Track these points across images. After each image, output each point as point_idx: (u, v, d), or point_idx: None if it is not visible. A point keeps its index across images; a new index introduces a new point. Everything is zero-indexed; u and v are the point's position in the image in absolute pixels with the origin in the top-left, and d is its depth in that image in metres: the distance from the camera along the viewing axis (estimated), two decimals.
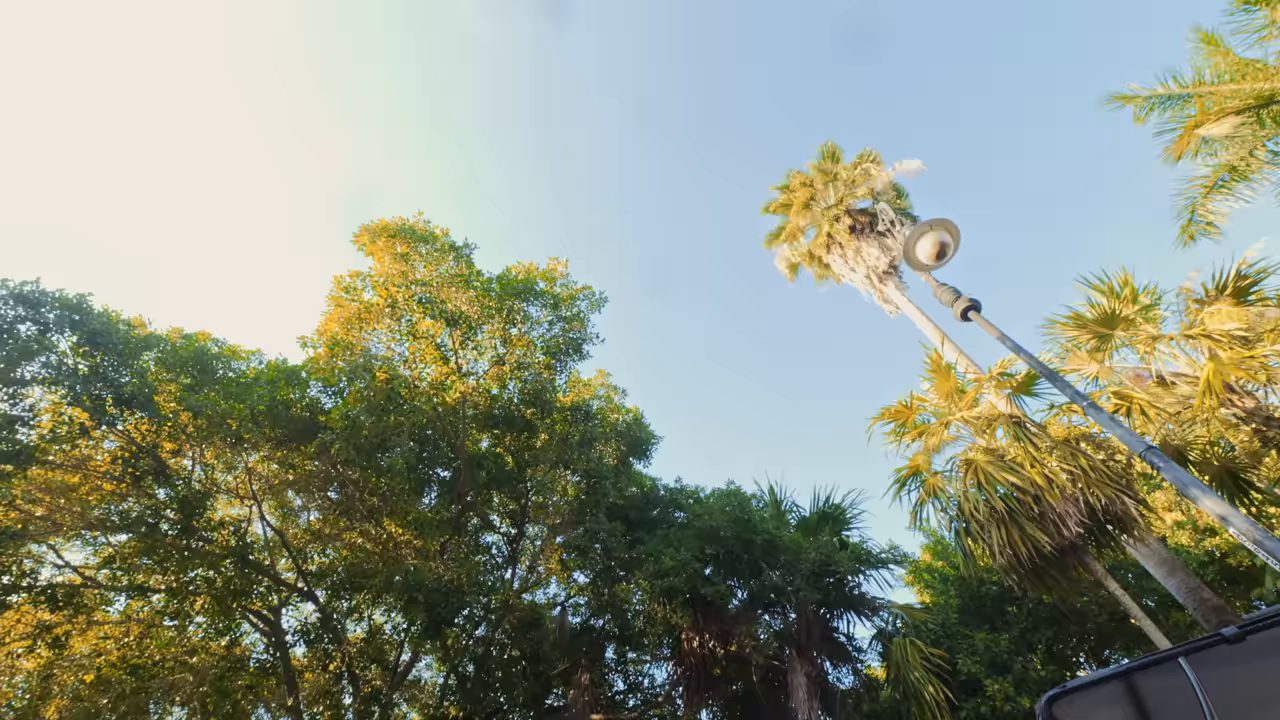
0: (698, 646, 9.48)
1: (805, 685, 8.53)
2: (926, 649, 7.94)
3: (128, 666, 12.00)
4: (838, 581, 9.44)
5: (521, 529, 12.14)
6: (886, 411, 9.60)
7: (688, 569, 9.05)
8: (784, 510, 11.48)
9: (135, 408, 8.06)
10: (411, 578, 8.24)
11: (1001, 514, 6.96)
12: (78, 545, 11.51)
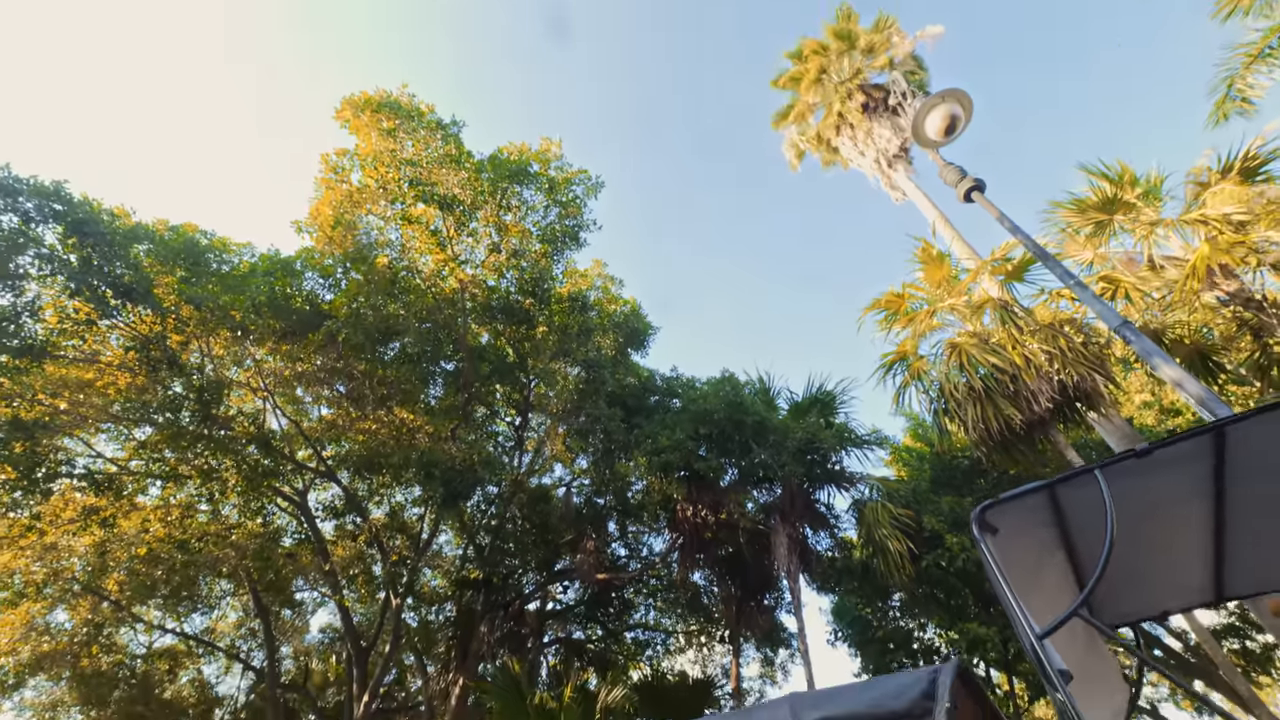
0: (691, 515, 10.40)
1: (786, 545, 9.51)
2: (896, 510, 8.80)
3: (174, 542, 13.15)
4: (822, 458, 10.18)
5: (525, 418, 12.78)
6: (878, 301, 9.82)
7: (683, 447, 9.74)
8: (775, 396, 12.05)
9: (135, 300, 8.20)
10: (426, 457, 8.88)
11: (979, 392, 7.39)
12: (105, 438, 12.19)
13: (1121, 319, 5.32)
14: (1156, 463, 2.15)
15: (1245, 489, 2.26)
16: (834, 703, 2.23)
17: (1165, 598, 2.96)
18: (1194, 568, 2.73)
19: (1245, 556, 2.64)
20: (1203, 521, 2.47)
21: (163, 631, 17.07)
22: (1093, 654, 2.92)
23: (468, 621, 13.60)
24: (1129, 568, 2.69)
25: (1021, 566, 2.36)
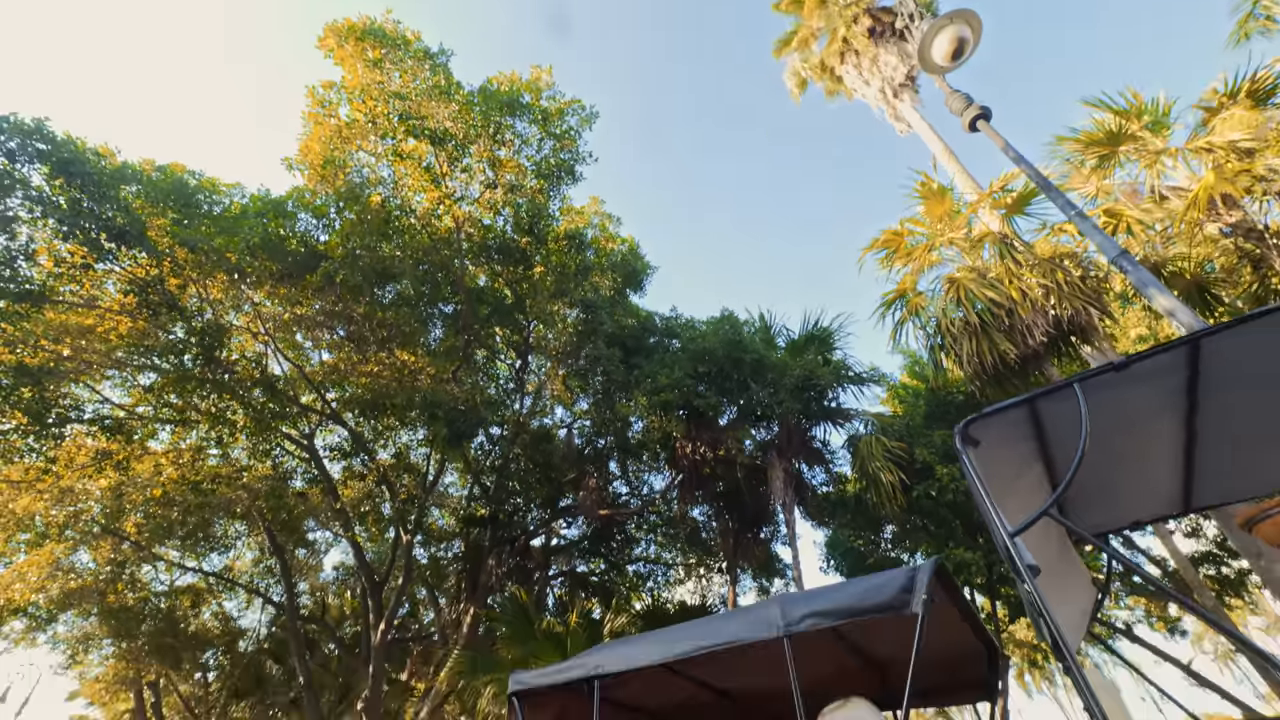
0: (690, 453, 10.70)
1: (782, 479, 9.85)
2: (890, 443, 9.07)
3: (188, 484, 13.54)
4: (818, 394, 10.37)
5: (525, 360, 12.90)
6: (878, 240, 9.73)
7: (682, 386, 9.90)
8: (774, 334, 12.14)
9: (129, 244, 8.12)
10: (429, 397, 9.04)
11: (975, 327, 7.47)
12: (111, 385, 12.34)
13: (1119, 249, 5.33)
14: (1133, 376, 2.24)
15: (1217, 400, 2.36)
16: (821, 599, 2.41)
17: (1136, 508, 3.13)
18: (1164, 479, 2.88)
19: (1213, 468, 2.78)
20: (1175, 433, 2.59)
21: (182, 570, 17.82)
22: (1064, 560, 3.12)
23: (476, 556, 14.21)
24: (1102, 479, 2.83)
25: (1001, 477, 2.49)
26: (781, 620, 2.40)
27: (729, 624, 2.64)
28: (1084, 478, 2.86)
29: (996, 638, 11.99)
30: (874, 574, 2.40)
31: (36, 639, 17.87)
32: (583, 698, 3.40)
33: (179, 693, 21.66)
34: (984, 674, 3.19)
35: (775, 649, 2.42)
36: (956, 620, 2.74)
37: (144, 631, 17.78)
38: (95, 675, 21.04)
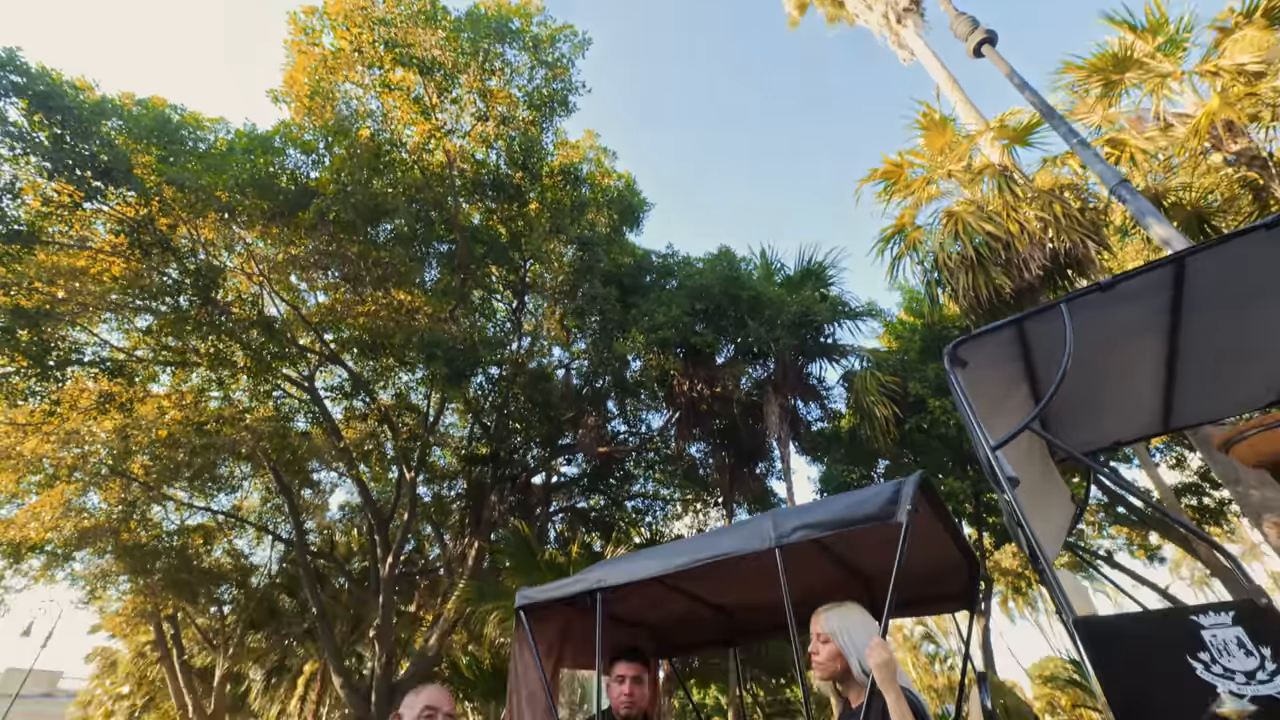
0: (688, 390, 10.89)
1: (778, 414, 10.08)
2: (884, 378, 9.25)
3: (192, 425, 13.72)
4: (815, 330, 10.47)
5: (522, 300, 12.87)
6: (877, 171, 9.54)
7: (679, 323, 9.95)
8: (772, 270, 12.12)
9: (116, 182, 7.91)
10: (428, 336, 9.09)
11: (971, 260, 7.46)
12: (108, 328, 12.30)
13: (1119, 178, 5.27)
14: (1119, 296, 2.29)
15: (1200, 319, 2.42)
16: (811, 512, 2.55)
17: (1118, 428, 3.25)
18: (1146, 398, 2.98)
19: (1194, 387, 2.88)
20: (1157, 353, 2.66)
21: (191, 509, 18.32)
22: (1047, 479, 3.27)
23: (478, 493, 14.65)
24: (1086, 399, 2.93)
25: (987, 397, 2.57)
26: (773, 532, 2.53)
27: (724, 538, 2.79)
28: (1068, 397, 2.96)
29: (982, 563, 12.64)
30: (863, 489, 2.52)
31: (55, 576, 18.55)
32: (585, 612, 3.62)
33: (196, 625, 22.72)
34: (964, 585, 3.40)
35: (767, 565, 2.56)
36: (940, 534, 2.89)
37: (159, 568, 18.43)
38: (115, 610, 22.00)
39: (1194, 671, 1.52)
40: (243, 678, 25.75)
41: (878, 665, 2.00)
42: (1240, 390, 2.93)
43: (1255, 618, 1.53)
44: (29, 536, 15.99)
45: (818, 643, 2.34)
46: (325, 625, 14.93)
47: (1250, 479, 7.26)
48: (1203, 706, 1.46)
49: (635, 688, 3.00)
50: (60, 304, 10.38)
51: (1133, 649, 1.67)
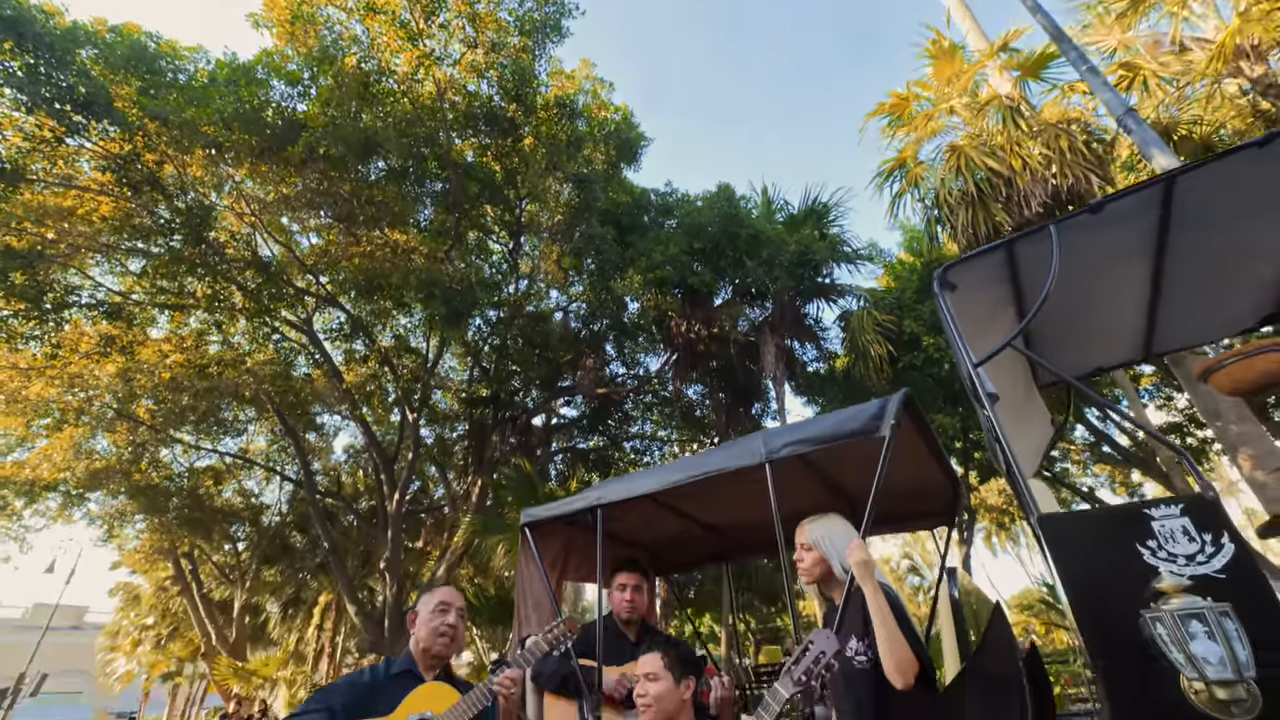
0: (685, 331, 10.96)
1: (773, 354, 10.20)
2: (880, 317, 9.33)
3: (194, 368, 13.84)
4: (814, 270, 10.44)
5: (518, 241, 12.74)
6: (883, 105, 9.27)
7: (677, 262, 9.91)
8: (774, 209, 11.94)
9: (97, 116, 7.67)
10: (425, 275, 9.05)
11: (972, 196, 7.38)
12: (102, 271, 12.20)
13: (1127, 108, 5.16)
14: (1108, 218, 2.32)
15: (1186, 240, 2.46)
16: (800, 429, 2.67)
17: (1100, 354, 3.35)
18: (1129, 322, 3.06)
19: (1177, 309, 2.95)
20: (1143, 276, 2.72)
21: (198, 451, 18.72)
22: (1029, 402, 3.40)
23: (480, 434, 14.98)
24: (1070, 323, 3.01)
25: (974, 319, 2.65)
26: (764, 449, 2.66)
27: (717, 455, 2.93)
28: (1052, 322, 3.04)
29: (968, 496, 13.07)
30: (850, 407, 2.63)
31: (73, 515, 19.16)
32: (587, 532, 3.82)
33: (213, 562, 23.64)
34: (946, 503, 3.59)
35: (758, 483, 2.68)
36: (924, 453, 3.03)
37: (172, 507, 19.02)
38: (133, 547, 22.84)
39: (1141, 557, 1.66)
40: (260, 609, 27.01)
41: (856, 564, 2.16)
42: (1224, 313, 3.00)
43: (1201, 509, 1.66)
44: (43, 477, 16.41)
45: (802, 551, 2.51)
46: (338, 559, 15.56)
47: (1230, 415, 7.46)
48: (1144, 584, 1.60)
49: (635, 595, 3.23)
50: (51, 245, 10.27)
51: (1089, 541, 1.81)
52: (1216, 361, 3.03)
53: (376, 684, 2.00)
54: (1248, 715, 1.41)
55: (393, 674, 2.04)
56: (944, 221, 7.98)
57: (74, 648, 37.62)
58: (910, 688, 1.96)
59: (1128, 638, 1.60)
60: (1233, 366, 2.99)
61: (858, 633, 2.20)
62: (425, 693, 1.99)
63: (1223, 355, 3.07)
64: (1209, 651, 1.44)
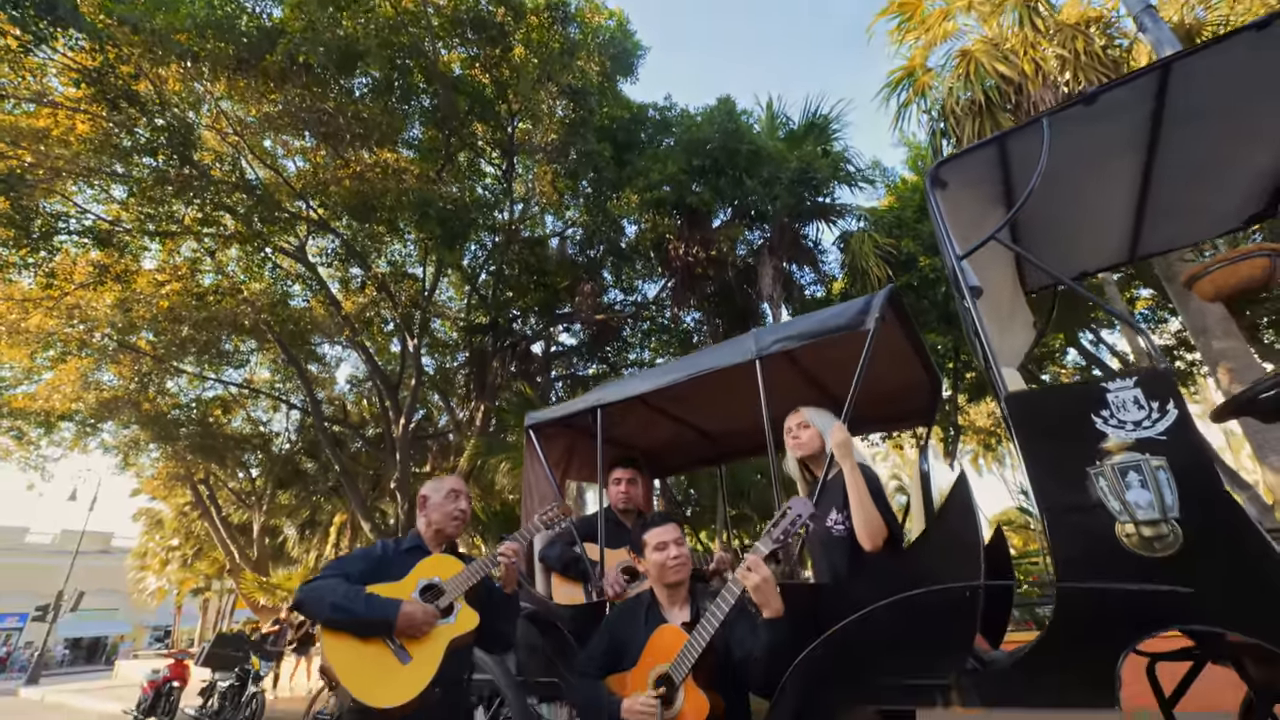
0: (683, 254, 10.88)
1: (771, 276, 10.20)
2: (880, 239, 9.27)
3: (191, 296, 13.83)
4: (814, 189, 10.23)
5: (511, 161, 12.37)
6: (894, 3, 8.77)
7: (675, 180, 9.68)
8: (776, 124, 11.53)
9: (63, 23, 7.26)
10: (418, 196, 8.88)
11: (980, 106, 7.16)
12: (86, 199, 11.93)
13: (1145, 4, 4.95)
14: (1102, 110, 2.32)
15: (1179, 133, 2.46)
16: (789, 327, 2.78)
17: (1086, 258, 3.41)
18: (1115, 225, 3.10)
19: (1165, 207, 2.98)
20: (1132, 175, 2.74)
21: (204, 380, 19.02)
22: (1015, 304, 3.49)
23: (480, 361, 15.20)
24: (1056, 226, 3.06)
25: (965, 217, 2.69)
26: (754, 346, 2.78)
27: (710, 355, 3.06)
28: (1039, 224, 3.08)
29: (956, 414, 13.45)
30: (838, 305, 2.73)
31: (88, 445, 19.73)
32: (588, 438, 4.02)
33: (229, 488, 24.55)
34: (927, 403, 3.76)
35: (749, 386, 2.81)
36: (907, 352, 3.16)
37: (184, 435, 19.56)
38: (150, 475, 23.67)
39: (1094, 425, 1.81)
40: (278, 531, 28.34)
41: (837, 444, 2.34)
42: (1211, 213, 3.04)
43: (1153, 380, 1.79)
44: (55, 407, 16.77)
45: (799, 430, 2.70)
46: (349, 480, 16.18)
47: (1216, 330, 7.59)
48: (1096, 446, 1.76)
49: (630, 487, 3.47)
50: (30, 170, 10.01)
51: (1050, 414, 1.96)
52: (1203, 268, 3.10)
53: (387, 556, 2.23)
54: (1168, 550, 1.60)
55: (403, 549, 2.27)
56: (949, 134, 7.76)
57: (104, 570, 39.80)
58: (879, 550, 2.17)
59: (1074, 494, 1.78)
60: (1217, 272, 3.06)
61: (837, 505, 2.41)
62: (432, 562, 2.22)
63: (1209, 261, 3.14)
64: (1140, 498, 1.61)
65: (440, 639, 2.01)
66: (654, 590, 2.39)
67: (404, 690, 1.87)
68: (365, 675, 1.88)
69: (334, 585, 2.00)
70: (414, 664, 1.94)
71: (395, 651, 1.94)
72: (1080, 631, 1.68)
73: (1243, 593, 1.54)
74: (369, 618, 1.93)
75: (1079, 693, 1.63)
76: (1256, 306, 12.57)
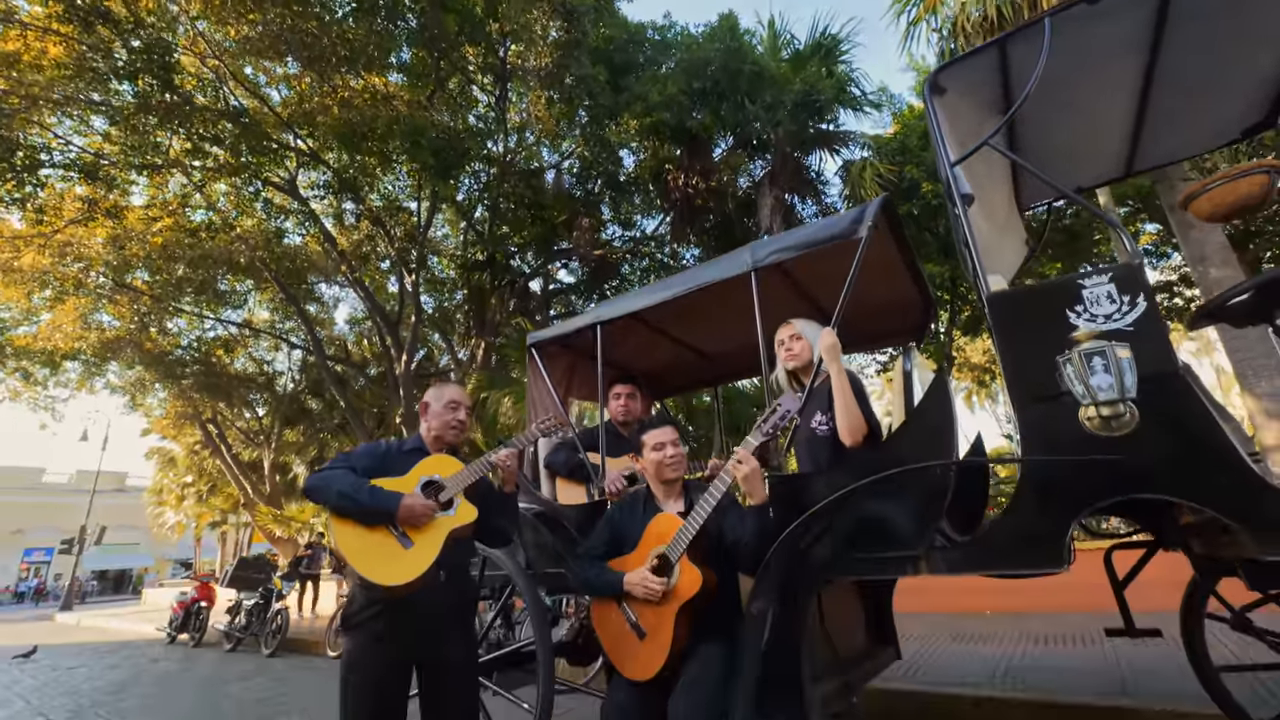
0: (683, 184, 10.68)
1: (771, 207, 10.06)
2: (882, 167, 9.08)
3: (183, 232, 13.66)
4: (818, 113, 9.91)
5: (504, 88, 11.93)
6: None
7: (675, 104, 9.37)
8: (780, 44, 11.02)
9: None
10: (409, 124, 8.63)
11: (992, 22, 6.88)
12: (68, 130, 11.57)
13: None
14: (1105, 9, 2.28)
15: (1182, 35, 2.43)
16: (783, 239, 2.83)
17: (1082, 173, 3.41)
18: (1112, 137, 3.09)
19: (1161, 123, 2.97)
20: (1132, 81, 2.71)
21: (202, 319, 19.06)
22: (1009, 220, 3.53)
23: (479, 298, 15.20)
24: (1052, 139, 3.05)
25: (964, 126, 2.69)
26: (750, 258, 2.84)
27: (706, 269, 3.12)
28: (1036, 135, 3.07)
29: (950, 346, 13.61)
30: (831, 216, 2.77)
31: (94, 385, 20.00)
32: (588, 359, 4.13)
33: (237, 427, 25.05)
34: (918, 321, 3.86)
35: (744, 302, 2.87)
36: (899, 266, 3.22)
37: (188, 374, 19.79)
38: (159, 415, 24.10)
39: (1068, 319, 1.91)
40: (288, 468, 29.16)
41: (826, 347, 2.45)
42: (1210, 123, 3.02)
43: (1126, 275, 1.88)
44: (59, 346, 16.89)
45: (791, 340, 2.80)
46: (355, 415, 16.54)
47: (1214, 258, 7.59)
48: (1067, 337, 1.87)
49: (629, 401, 3.63)
50: (3, 97, 9.68)
51: (1027, 312, 2.06)
52: (1201, 186, 3.11)
53: (391, 454, 2.40)
54: (1125, 429, 1.74)
55: (404, 449, 2.43)
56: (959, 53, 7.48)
57: (120, 508, 41.24)
58: (859, 445, 2.33)
59: (1045, 383, 1.90)
60: (1215, 190, 3.06)
61: (822, 408, 2.55)
62: (434, 461, 2.40)
63: (1207, 180, 3.15)
64: (1103, 381, 1.73)
65: (441, 529, 2.20)
66: (650, 487, 2.57)
67: (407, 571, 2.06)
68: (371, 557, 2.07)
69: (341, 475, 2.17)
70: (416, 549, 2.12)
71: (398, 538, 2.12)
72: (1039, 504, 1.84)
73: (1188, 465, 1.68)
74: (372, 507, 2.10)
75: (1033, 556, 1.81)
76: (1262, 241, 12.49)
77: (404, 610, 2.08)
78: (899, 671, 4.20)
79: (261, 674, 7.09)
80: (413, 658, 2.13)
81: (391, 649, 2.07)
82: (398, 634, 2.07)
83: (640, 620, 2.18)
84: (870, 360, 15.57)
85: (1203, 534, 2.11)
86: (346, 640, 2.13)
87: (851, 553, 2.12)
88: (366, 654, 2.06)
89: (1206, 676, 2.63)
